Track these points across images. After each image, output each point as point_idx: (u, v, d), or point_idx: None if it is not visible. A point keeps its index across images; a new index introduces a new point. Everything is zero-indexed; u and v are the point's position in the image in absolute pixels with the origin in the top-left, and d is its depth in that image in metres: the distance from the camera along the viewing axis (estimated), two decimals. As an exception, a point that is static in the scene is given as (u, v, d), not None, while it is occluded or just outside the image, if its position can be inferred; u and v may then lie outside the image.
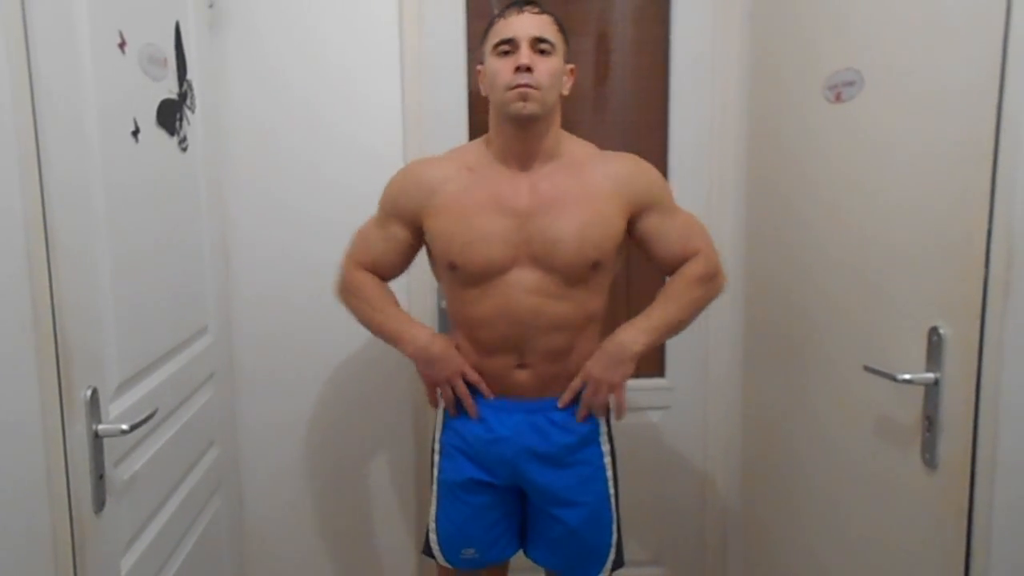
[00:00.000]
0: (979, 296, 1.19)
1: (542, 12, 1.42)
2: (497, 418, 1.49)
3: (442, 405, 1.56)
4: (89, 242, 1.17)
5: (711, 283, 1.53)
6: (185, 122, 1.57)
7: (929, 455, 1.29)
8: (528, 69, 1.37)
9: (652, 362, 2.17)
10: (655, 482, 2.20)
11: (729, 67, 2.04)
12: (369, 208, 1.65)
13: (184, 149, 1.57)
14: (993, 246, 1.17)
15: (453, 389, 1.49)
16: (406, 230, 1.52)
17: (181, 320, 1.56)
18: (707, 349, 2.16)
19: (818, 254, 1.64)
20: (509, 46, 1.39)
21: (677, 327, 1.52)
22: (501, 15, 1.42)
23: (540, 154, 1.46)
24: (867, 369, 1.39)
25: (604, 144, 1.57)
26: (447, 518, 1.54)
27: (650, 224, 1.50)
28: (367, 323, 1.56)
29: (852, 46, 1.49)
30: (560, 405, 1.49)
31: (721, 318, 2.12)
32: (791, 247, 1.77)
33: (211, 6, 1.78)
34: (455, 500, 1.53)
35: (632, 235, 1.51)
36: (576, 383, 1.48)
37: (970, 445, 1.22)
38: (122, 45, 1.28)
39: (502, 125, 1.45)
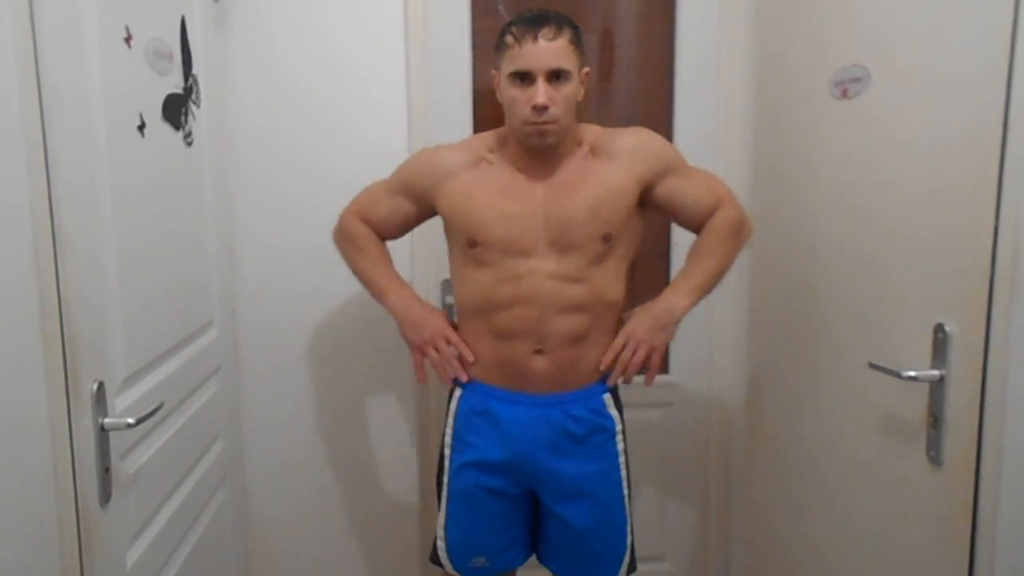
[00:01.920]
0: (985, 293, 1.18)
1: (557, 35, 1.36)
2: (512, 411, 1.49)
3: (451, 419, 1.55)
4: (95, 236, 1.17)
5: (740, 231, 1.55)
6: (191, 117, 1.57)
7: (934, 452, 1.29)
8: (545, 108, 1.37)
9: (656, 358, 2.17)
10: (659, 478, 2.20)
11: (735, 63, 2.04)
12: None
13: (189, 144, 1.57)
14: (1000, 243, 1.16)
15: (437, 351, 1.52)
16: (413, 205, 1.57)
17: (187, 314, 1.57)
18: (711, 346, 2.16)
19: (823, 251, 1.63)
20: (525, 77, 1.38)
21: (716, 283, 1.54)
22: (516, 38, 1.37)
23: (556, 158, 1.48)
24: (872, 366, 1.39)
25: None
26: (457, 526, 1.53)
27: (669, 187, 1.51)
28: (357, 270, 1.62)
29: (859, 42, 1.49)
30: (602, 368, 1.50)
31: (725, 314, 2.12)
32: (796, 244, 1.77)
33: (217, 1, 1.78)
34: (465, 508, 1.52)
35: (654, 203, 1.52)
36: (618, 342, 1.49)
37: (975, 442, 1.22)
38: (128, 39, 1.28)
39: (519, 144, 1.47)
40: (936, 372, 1.27)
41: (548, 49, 1.36)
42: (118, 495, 1.20)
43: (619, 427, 1.54)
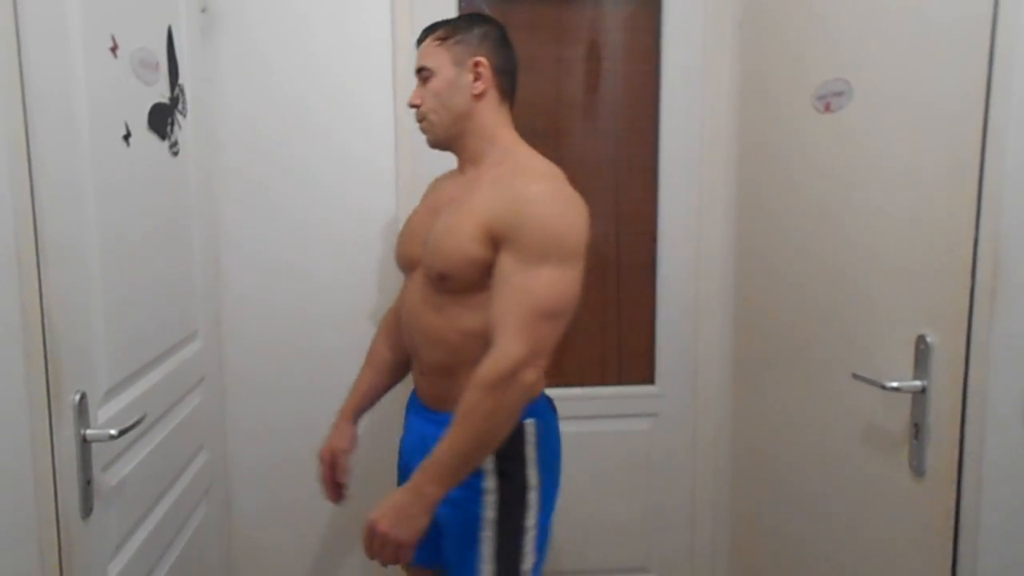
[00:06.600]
0: (966, 304, 1.20)
1: (426, 37, 1.43)
2: (410, 420, 1.54)
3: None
4: (79, 246, 1.16)
5: (501, 386, 1.21)
6: (176, 127, 1.57)
7: (916, 462, 1.30)
8: (415, 106, 1.42)
9: (642, 369, 2.18)
10: (644, 489, 2.20)
11: (719, 76, 2.05)
12: (361, 215, 1.65)
13: (175, 154, 1.56)
14: (980, 255, 1.18)
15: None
16: None
17: (171, 325, 1.56)
18: (697, 356, 2.17)
19: (807, 262, 1.65)
20: None
21: (478, 452, 1.25)
22: None
23: (469, 163, 1.43)
24: (855, 377, 1.40)
25: (595, 152, 1.58)
26: None
27: (497, 264, 1.26)
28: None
29: (841, 56, 1.51)
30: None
31: (711, 325, 2.13)
32: (780, 255, 1.78)
33: (204, 11, 1.77)
34: None
35: None
36: (364, 534, 1.28)
37: (957, 452, 1.23)
38: (114, 49, 1.27)
39: None
40: (918, 383, 1.29)
41: (418, 55, 1.44)
42: (100, 507, 1.19)
43: (488, 465, 1.32)
